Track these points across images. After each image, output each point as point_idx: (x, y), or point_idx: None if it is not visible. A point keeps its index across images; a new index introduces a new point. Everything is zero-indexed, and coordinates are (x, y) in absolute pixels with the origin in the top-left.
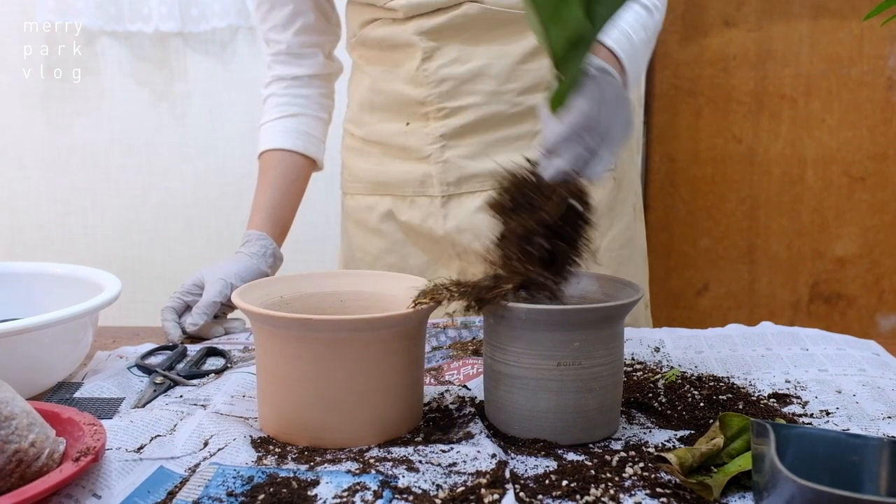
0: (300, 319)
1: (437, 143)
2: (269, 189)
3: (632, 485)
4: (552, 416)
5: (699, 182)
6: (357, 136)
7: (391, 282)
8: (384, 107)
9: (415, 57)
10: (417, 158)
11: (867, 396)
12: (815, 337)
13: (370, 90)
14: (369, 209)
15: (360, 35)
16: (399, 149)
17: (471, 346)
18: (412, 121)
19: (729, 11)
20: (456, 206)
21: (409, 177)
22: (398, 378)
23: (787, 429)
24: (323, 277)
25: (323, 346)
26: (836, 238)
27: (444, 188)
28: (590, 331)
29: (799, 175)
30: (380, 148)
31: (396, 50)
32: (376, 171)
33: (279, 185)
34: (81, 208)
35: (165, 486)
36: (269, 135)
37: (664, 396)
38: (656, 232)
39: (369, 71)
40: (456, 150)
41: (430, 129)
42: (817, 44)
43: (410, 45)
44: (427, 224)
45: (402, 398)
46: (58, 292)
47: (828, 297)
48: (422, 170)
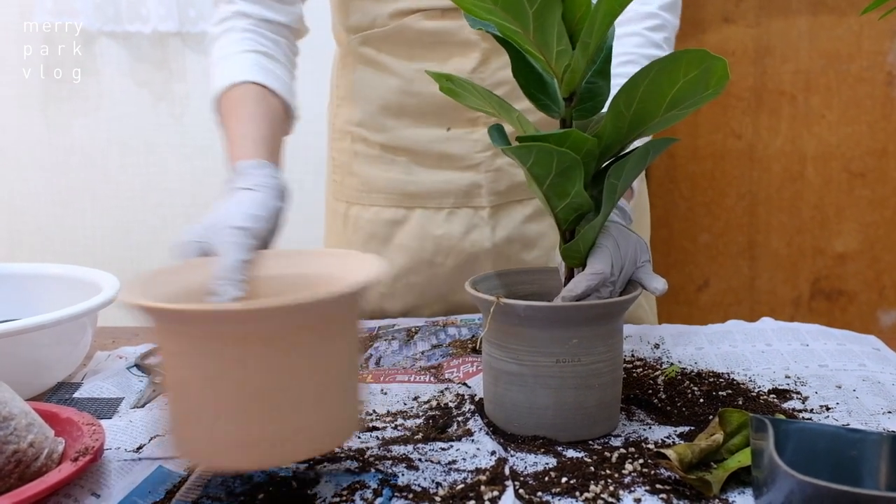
0: (172, 311)
1: (488, 151)
2: (254, 120)
3: (631, 481)
4: (551, 413)
5: (699, 178)
6: (374, 141)
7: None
8: (418, 110)
9: (470, 57)
10: (462, 167)
11: (867, 391)
12: (815, 332)
13: (399, 92)
14: (392, 223)
15: (391, 27)
16: (437, 157)
17: (470, 344)
18: (454, 126)
19: (728, 8)
20: (505, 215)
21: (449, 187)
22: (314, 382)
23: (787, 424)
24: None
25: (203, 342)
26: (836, 234)
27: (493, 198)
28: (588, 327)
29: (799, 171)
30: (408, 155)
31: (443, 48)
32: (404, 181)
33: (266, 118)
34: (80, 209)
35: (165, 485)
36: (238, 67)
37: (664, 393)
38: (656, 228)
39: (398, 69)
40: (507, 158)
41: (480, 136)
42: (816, 39)
43: (467, 44)
44: (470, 238)
45: (318, 407)
46: (56, 293)
47: (828, 293)
48: (468, 179)
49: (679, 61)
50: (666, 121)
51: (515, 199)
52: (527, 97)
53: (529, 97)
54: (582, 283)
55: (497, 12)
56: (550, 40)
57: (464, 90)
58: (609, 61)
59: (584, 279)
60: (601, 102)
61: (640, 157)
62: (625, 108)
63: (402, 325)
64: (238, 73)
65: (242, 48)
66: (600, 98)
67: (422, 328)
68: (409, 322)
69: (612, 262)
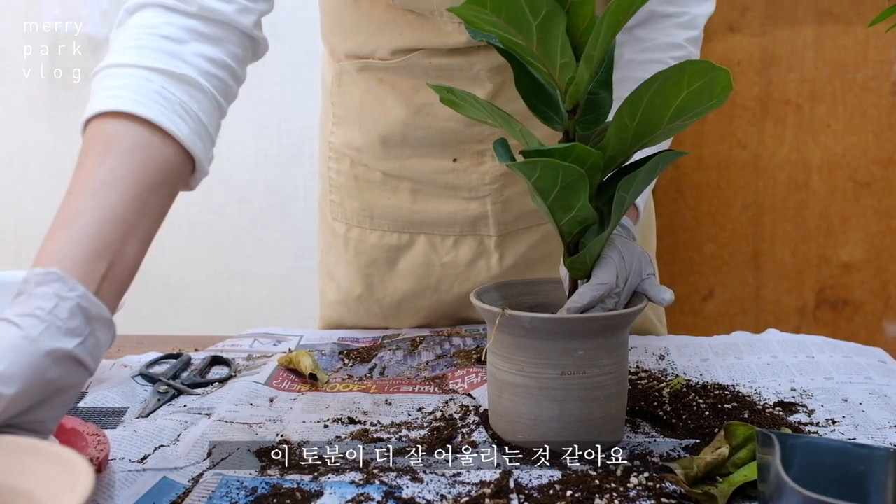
0: None
1: (496, 183)
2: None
3: (636, 495)
4: (556, 426)
5: (704, 188)
6: (376, 168)
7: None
8: (424, 142)
9: (479, 93)
10: (468, 198)
11: (874, 405)
12: (821, 344)
13: (403, 123)
14: (397, 248)
15: (398, 62)
16: (444, 187)
17: (475, 354)
18: (460, 158)
19: (733, 17)
20: (512, 243)
21: (456, 217)
22: None
23: (793, 438)
24: None
25: None
26: (842, 243)
27: (500, 227)
28: (594, 340)
29: (804, 180)
30: (412, 184)
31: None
32: (409, 210)
33: (130, 189)
34: None
35: (169, 496)
36: (123, 89)
37: (669, 405)
38: (661, 238)
39: (404, 101)
40: (515, 188)
41: (487, 168)
42: (822, 49)
43: (477, 80)
44: (476, 266)
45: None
46: None
47: (834, 302)
48: (475, 210)
49: (683, 72)
50: (669, 131)
51: (523, 227)
52: (529, 109)
53: (532, 109)
54: (587, 295)
55: (500, 24)
56: (554, 53)
57: (465, 102)
58: (611, 72)
59: (589, 290)
60: (604, 114)
61: (649, 170)
62: (629, 119)
63: (406, 336)
64: (121, 96)
65: (143, 62)
66: (603, 109)
67: (426, 338)
68: (413, 332)
69: (618, 274)
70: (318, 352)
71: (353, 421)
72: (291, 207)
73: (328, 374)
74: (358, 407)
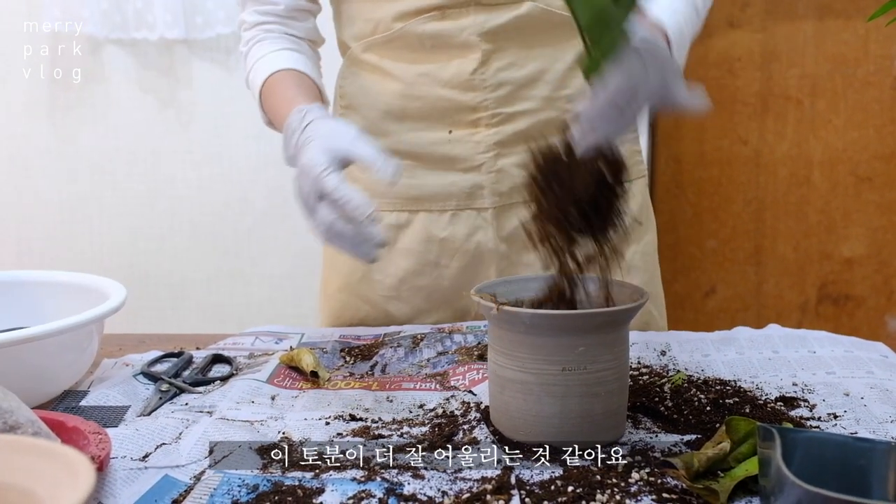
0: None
1: (490, 152)
2: (299, 90)
3: (638, 490)
4: (557, 422)
5: (705, 184)
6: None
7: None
8: (420, 114)
9: (470, 59)
10: (464, 169)
11: (875, 399)
12: (823, 339)
13: (401, 96)
14: (396, 227)
15: (394, 31)
16: (440, 159)
17: (476, 350)
18: (456, 128)
19: (733, 13)
20: (508, 216)
21: (453, 189)
22: None
23: (794, 433)
24: None
25: None
26: (843, 239)
27: (495, 199)
28: (594, 335)
29: (805, 176)
30: (411, 159)
31: (444, 50)
32: (408, 186)
33: (305, 90)
34: (88, 216)
35: (170, 494)
36: (273, 62)
37: (670, 400)
38: (662, 234)
39: (400, 74)
40: (509, 158)
41: (482, 137)
42: (822, 44)
43: (467, 46)
44: (475, 239)
45: None
46: (63, 300)
47: (836, 298)
48: (470, 181)
49: None
50: None
51: (518, 200)
52: None
53: None
54: (600, 97)
55: None
56: None
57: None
58: None
59: (598, 94)
60: None
61: None
62: None
63: (407, 333)
64: (275, 64)
65: (275, 48)
66: None
67: (427, 335)
68: (414, 329)
69: (632, 75)
70: (320, 350)
71: (354, 418)
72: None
73: (329, 372)
74: (359, 404)
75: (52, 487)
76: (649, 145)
